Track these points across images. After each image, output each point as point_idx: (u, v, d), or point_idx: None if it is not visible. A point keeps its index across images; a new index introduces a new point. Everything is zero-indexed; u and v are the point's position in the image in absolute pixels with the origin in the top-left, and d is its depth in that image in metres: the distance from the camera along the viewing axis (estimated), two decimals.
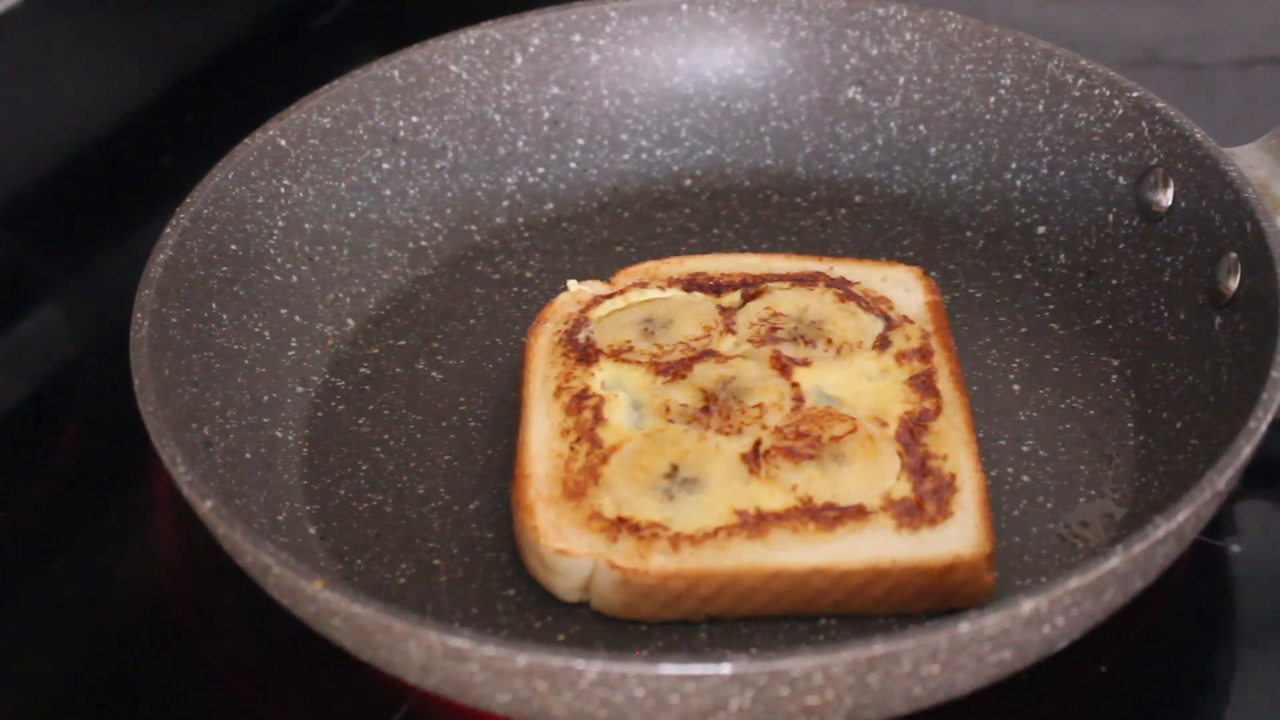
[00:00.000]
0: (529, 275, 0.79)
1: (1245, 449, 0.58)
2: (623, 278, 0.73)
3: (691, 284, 0.72)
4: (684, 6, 0.83)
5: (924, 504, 0.62)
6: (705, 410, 0.65)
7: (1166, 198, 0.72)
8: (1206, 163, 0.70)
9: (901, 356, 0.67)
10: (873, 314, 0.70)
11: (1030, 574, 0.63)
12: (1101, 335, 0.73)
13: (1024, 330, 0.74)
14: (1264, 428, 0.59)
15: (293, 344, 0.73)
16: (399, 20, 1.03)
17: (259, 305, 0.72)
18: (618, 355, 0.68)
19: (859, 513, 0.61)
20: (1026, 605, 0.53)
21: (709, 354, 0.68)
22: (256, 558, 0.56)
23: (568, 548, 0.61)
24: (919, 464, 0.63)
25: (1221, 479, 0.57)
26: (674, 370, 0.67)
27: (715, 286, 0.72)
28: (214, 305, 0.70)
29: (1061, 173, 0.77)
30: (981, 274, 0.77)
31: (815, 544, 0.60)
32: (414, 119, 0.80)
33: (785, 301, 0.70)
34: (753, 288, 0.71)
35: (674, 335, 0.69)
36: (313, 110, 0.77)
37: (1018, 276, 0.77)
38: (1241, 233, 0.67)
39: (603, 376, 0.68)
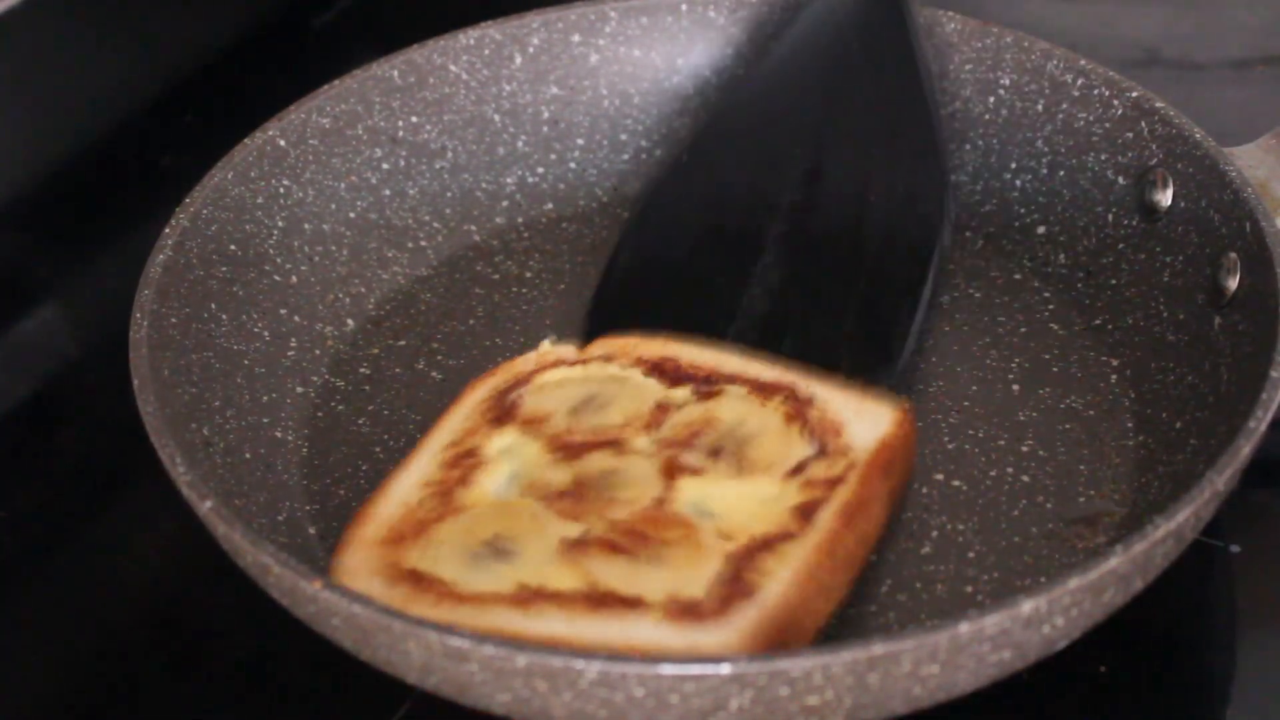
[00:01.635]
0: (529, 275, 0.79)
1: (1245, 449, 0.58)
2: (596, 347, 0.70)
3: (656, 368, 0.68)
4: (684, 6, 0.83)
5: (703, 603, 0.57)
6: (563, 495, 0.62)
7: (1166, 198, 0.72)
8: (1206, 163, 0.70)
9: (807, 484, 0.62)
10: (810, 441, 0.64)
11: (1030, 574, 0.63)
12: (1101, 335, 0.73)
13: (1024, 330, 0.74)
14: (1264, 428, 0.59)
15: (293, 344, 0.73)
16: (399, 20, 1.03)
17: (259, 305, 0.72)
18: (527, 425, 0.66)
19: (632, 602, 0.57)
20: (1026, 605, 0.52)
21: (611, 444, 0.64)
22: (256, 558, 0.56)
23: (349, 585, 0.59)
24: (733, 573, 0.58)
25: (1221, 479, 0.57)
26: (567, 452, 0.64)
27: (677, 376, 0.67)
28: (214, 305, 0.70)
29: (1061, 173, 0.77)
30: (981, 274, 0.77)
31: (572, 621, 0.57)
32: (414, 119, 0.80)
33: (729, 408, 0.65)
34: (712, 386, 0.67)
35: (597, 420, 0.66)
36: (313, 110, 0.77)
37: (1018, 276, 0.77)
38: (1241, 233, 0.67)
39: (502, 443, 0.65)
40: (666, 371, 0.68)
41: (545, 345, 0.70)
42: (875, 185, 0.73)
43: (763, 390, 0.66)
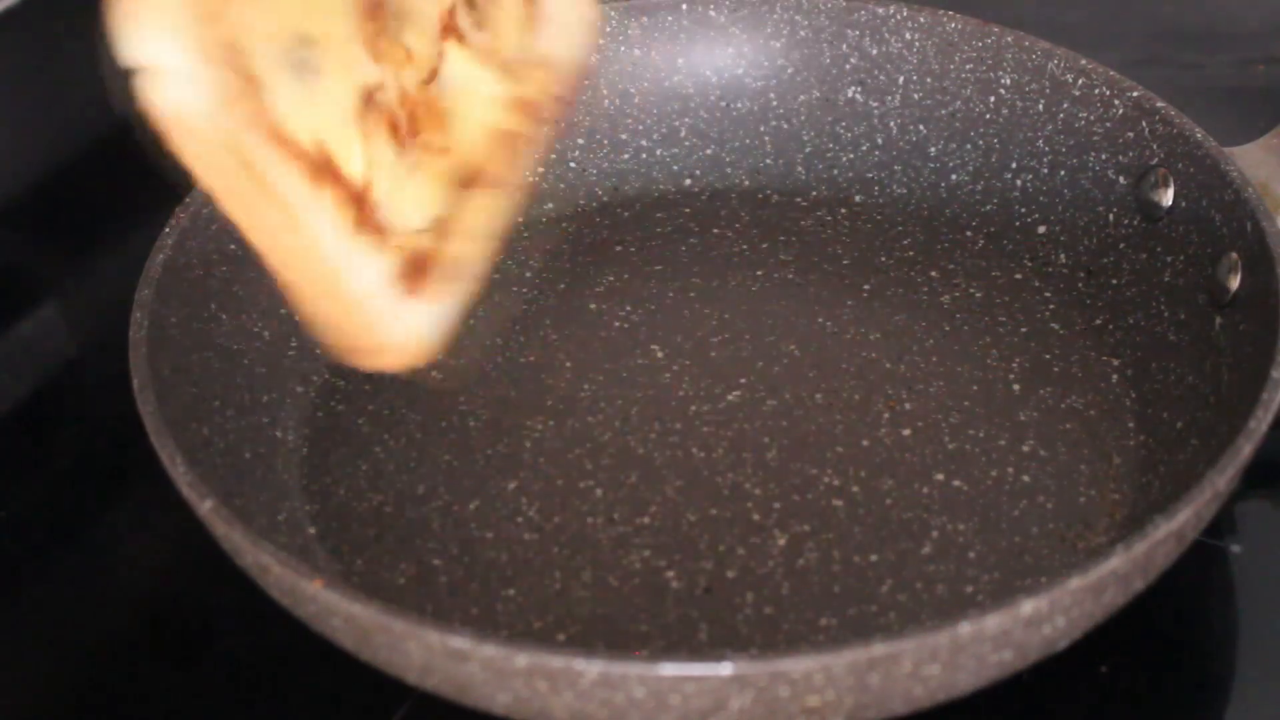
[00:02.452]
0: (529, 275, 0.79)
1: (1245, 449, 0.58)
2: None
3: None
4: (684, 6, 0.83)
5: (423, 281, 0.59)
6: (369, 11, 0.59)
7: (1167, 198, 0.72)
8: (1206, 163, 0.70)
9: (522, 85, 0.63)
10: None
11: (1030, 574, 0.63)
12: (1101, 335, 0.73)
13: (1024, 330, 0.74)
14: (1264, 428, 0.59)
15: (293, 344, 0.73)
16: None
17: (259, 305, 0.72)
18: None
19: (383, 235, 0.58)
20: (1026, 605, 0.52)
21: None
22: (256, 558, 0.56)
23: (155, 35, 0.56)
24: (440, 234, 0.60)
25: (1221, 479, 0.57)
26: None
27: None
28: (214, 305, 0.70)
29: (1061, 173, 0.77)
30: (981, 274, 0.77)
31: (338, 236, 0.57)
32: None
33: None
34: None
35: None
36: None
37: (1018, 276, 0.77)
38: (1242, 233, 0.67)
39: None
40: None
41: None
42: None
43: None
